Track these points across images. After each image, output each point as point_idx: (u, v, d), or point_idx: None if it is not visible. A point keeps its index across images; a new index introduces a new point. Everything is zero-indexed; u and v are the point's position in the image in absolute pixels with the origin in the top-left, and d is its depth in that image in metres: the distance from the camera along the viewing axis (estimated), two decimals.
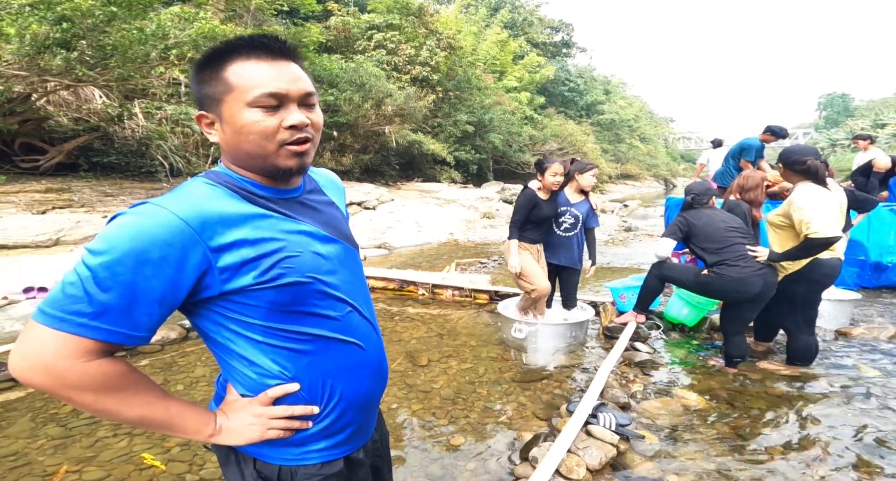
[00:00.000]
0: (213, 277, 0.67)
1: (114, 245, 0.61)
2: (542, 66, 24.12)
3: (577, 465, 1.83)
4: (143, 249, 0.61)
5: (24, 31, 5.10)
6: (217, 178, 0.74)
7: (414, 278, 4.78)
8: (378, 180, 12.72)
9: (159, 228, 0.63)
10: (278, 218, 0.74)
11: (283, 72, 0.73)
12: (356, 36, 13.71)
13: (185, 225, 0.64)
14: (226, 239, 0.67)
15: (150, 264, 0.62)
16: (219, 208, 0.69)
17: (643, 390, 2.65)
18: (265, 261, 0.69)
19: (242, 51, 0.72)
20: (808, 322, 2.83)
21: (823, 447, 2.11)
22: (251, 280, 0.69)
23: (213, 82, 0.72)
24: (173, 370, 2.96)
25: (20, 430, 2.24)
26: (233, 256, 0.68)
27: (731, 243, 2.79)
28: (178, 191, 0.70)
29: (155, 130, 7.34)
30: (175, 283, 0.65)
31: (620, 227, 10.51)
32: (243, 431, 0.75)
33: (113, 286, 0.61)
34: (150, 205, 0.65)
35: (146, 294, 0.63)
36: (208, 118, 0.75)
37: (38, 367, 0.62)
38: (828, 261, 2.70)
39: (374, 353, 0.85)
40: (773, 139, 5.17)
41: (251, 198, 0.74)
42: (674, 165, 45.11)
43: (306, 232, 0.77)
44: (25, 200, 5.69)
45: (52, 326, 0.61)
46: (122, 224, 0.63)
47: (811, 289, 2.75)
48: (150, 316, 0.65)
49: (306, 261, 0.74)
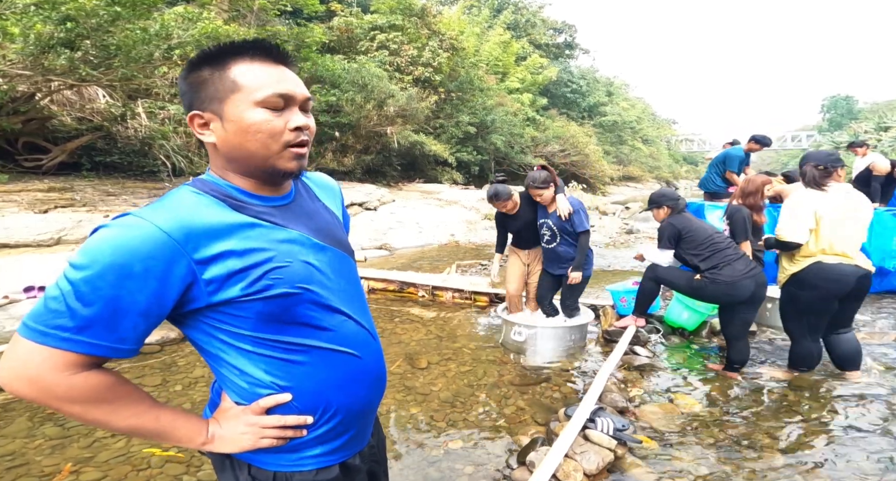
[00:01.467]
0: (199, 289, 0.67)
1: (95, 259, 0.61)
2: (544, 67, 24.13)
3: (574, 470, 1.83)
4: (125, 263, 0.61)
5: (29, 31, 5.12)
6: (203, 186, 0.73)
7: (414, 280, 4.78)
8: (379, 181, 12.72)
9: (141, 241, 0.62)
10: (267, 227, 0.73)
11: (285, 75, 0.74)
12: (359, 36, 13.74)
13: (168, 237, 0.64)
14: (211, 250, 0.67)
15: (132, 278, 0.62)
16: (204, 218, 0.68)
17: (642, 394, 2.65)
18: (253, 272, 0.69)
19: (247, 52, 0.72)
20: (813, 329, 2.75)
21: (822, 453, 2.10)
22: (239, 291, 0.68)
23: (215, 81, 0.71)
24: (172, 370, 2.96)
25: (18, 430, 2.25)
26: (219, 268, 0.67)
27: (720, 248, 2.82)
28: (162, 201, 0.70)
29: (157, 130, 7.37)
30: (159, 296, 0.64)
31: (622, 230, 10.49)
32: (236, 440, 0.75)
33: (95, 300, 0.61)
34: (133, 217, 0.64)
35: (130, 307, 0.63)
36: (203, 118, 0.73)
37: (24, 380, 0.63)
38: (832, 266, 2.54)
39: (371, 362, 0.84)
40: (758, 148, 5.24)
41: (239, 207, 0.73)
42: (676, 167, 45.06)
43: (296, 240, 0.76)
44: (28, 199, 5.71)
45: (36, 340, 0.61)
46: (103, 237, 0.62)
47: (812, 294, 2.63)
48: (134, 329, 0.65)
49: (296, 272, 0.73)
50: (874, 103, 39.69)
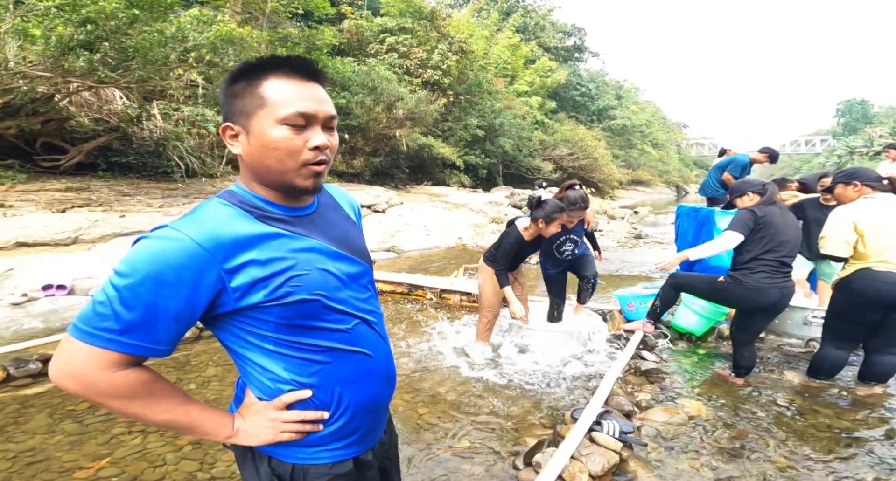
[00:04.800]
0: (227, 296, 0.72)
1: (136, 268, 0.67)
2: (553, 70, 24.13)
3: (579, 471, 1.85)
4: (161, 272, 0.67)
5: (50, 33, 5.25)
6: (231, 198, 0.78)
7: (422, 283, 4.82)
8: (388, 183, 12.80)
9: (176, 253, 0.68)
10: (289, 237, 0.78)
11: (313, 93, 0.76)
12: (369, 39, 13.85)
13: (200, 248, 0.69)
14: (238, 260, 0.72)
15: (167, 286, 0.67)
16: (232, 230, 0.73)
17: (648, 398, 2.66)
18: (275, 280, 0.74)
19: (279, 69, 0.75)
20: (839, 336, 2.73)
21: (829, 460, 2.10)
22: (262, 297, 0.73)
23: (246, 95, 0.75)
24: (186, 369, 3.02)
25: (38, 426, 2.30)
26: (244, 276, 0.72)
27: (775, 255, 2.65)
28: (195, 213, 0.74)
29: (172, 131, 7.50)
30: (191, 302, 0.70)
31: (630, 234, 10.45)
32: (258, 433, 0.80)
33: (136, 305, 0.67)
34: (169, 229, 0.70)
35: (165, 312, 0.68)
36: (234, 130, 0.77)
37: (72, 377, 0.69)
38: (880, 273, 2.48)
39: (381, 361, 0.90)
40: (766, 161, 5.14)
41: (263, 218, 0.77)
42: (686, 171, 44.72)
43: (315, 249, 0.80)
44: (46, 199, 5.84)
45: (85, 340, 0.68)
46: (143, 248, 0.68)
47: (852, 300, 2.58)
48: (168, 332, 0.70)
49: (314, 279, 0.77)
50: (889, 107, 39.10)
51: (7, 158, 6.38)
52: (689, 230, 4.91)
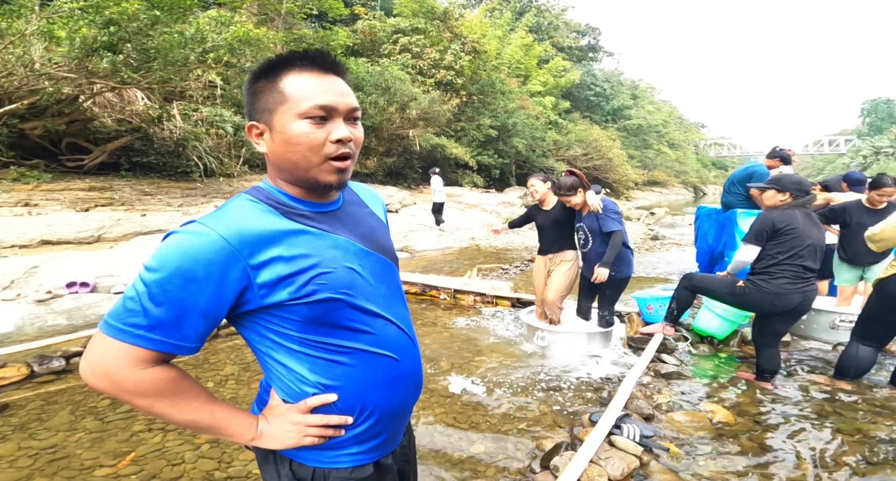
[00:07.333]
0: (252, 293, 0.71)
1: (164, 264, 0.66)
2: (567, 70, 23.95)
3: (598, 475, 1.82)
4: (189, 268, 0.66)
5: (75, 35, 5.37)
6: (258, 194, 0.77)
7: (436, 283, 4.81)
8: (401, 183, 12.84)
9: (204, 248, 0.67)
10: (314, 233, 0.76)
11: (333, 85, 0.75)
12: (382, 40, 13.92)
13: (227, 243, 0.68)
14: (264, 256, 0.71)
15: (195, 281, 0.66)
16: (258, 226, 0.72)
17: (669, 402, 2.60)
18: (300, 277, 0.72)
19: (297, 63, 0.74)
20: (865, 336, 2.71)
21: (853, 465, 2.02)
22: (287, 295, 0.72)
23: (267, 93, 0.74)
24: (204, 367, 3.06)
25: (60, 423, 2.33)
26: (269, 273, 0.71)
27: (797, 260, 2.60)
28: (223, 209, 0.74)
29: (191, 132, 7.63)
30: (218, 298, 0.69)
31: (646, 236, 10.30)
32: (281, 437, 0.78)
33: (164, 301, 0.66)
34: (197, 224, 0.69)
35: (193, 308, 0.68)
36: (258, 128, 0.76)
37: (101, 374, 0.69)
38: None
39: (409, 365, 0.87)
40: (779, 165, 4.93)
41: (289, 214, 0.76)
42: (704, 172, 43.96)
43: (341, 246, 0.79)
44: (70, 198, 5.98)
45: (115, 336, 0.67)
46: (171, 243, 0.68)
47: (883, 302, 2.58)
48: (196, 328, 0.69)
49: (340, 277, 0.76)
50: None
51: (33, 158, 6.56)
52: (710, 231, 4.80)
